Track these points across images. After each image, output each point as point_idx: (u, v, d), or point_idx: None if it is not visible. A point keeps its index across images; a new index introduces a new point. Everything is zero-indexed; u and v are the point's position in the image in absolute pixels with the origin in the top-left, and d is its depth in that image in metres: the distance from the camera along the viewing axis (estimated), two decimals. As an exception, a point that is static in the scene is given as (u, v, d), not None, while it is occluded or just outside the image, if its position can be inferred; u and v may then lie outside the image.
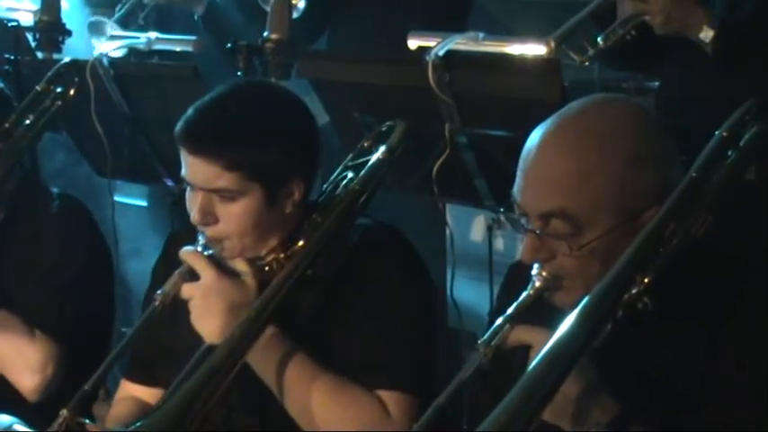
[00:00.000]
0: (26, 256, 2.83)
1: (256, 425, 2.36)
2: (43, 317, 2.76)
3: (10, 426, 1.57)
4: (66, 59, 3.17)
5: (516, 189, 1.96)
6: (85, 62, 3.28)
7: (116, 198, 3.62)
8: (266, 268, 2.33)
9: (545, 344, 1.69)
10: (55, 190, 2.99)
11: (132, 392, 2.50)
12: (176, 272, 2.31)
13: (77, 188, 3.47)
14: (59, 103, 3.00)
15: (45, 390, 2.73)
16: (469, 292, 3.51)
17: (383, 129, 2.47)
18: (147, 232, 4.40)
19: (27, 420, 2.35)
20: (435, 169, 2.99)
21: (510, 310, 1.90)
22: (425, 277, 2.43)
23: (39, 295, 2.78)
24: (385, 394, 2.28)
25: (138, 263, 3.83)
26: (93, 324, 2.87)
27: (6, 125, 2.86)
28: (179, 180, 2.39)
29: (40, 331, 2.74)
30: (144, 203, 4.73)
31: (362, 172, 2.38)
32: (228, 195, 2.28)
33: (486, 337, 1.88)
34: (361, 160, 2.43)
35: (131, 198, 4.62)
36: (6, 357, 2.74)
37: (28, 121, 2.92)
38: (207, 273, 2.28)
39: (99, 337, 2.85)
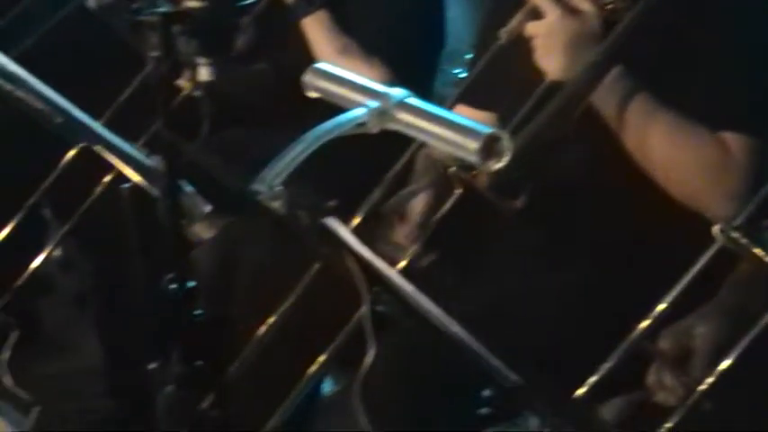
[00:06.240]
0: None
1: None
2: (381, 45, 2.90)
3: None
4: None
5: None
6: None
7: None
8: (611, 6, 2.33)
9: None
10: None
11: (466, 115, 2.52)
12: (522, 9, 2.35)
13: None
14: None
15: None
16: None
17: None
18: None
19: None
20: None
21: None
22: None
23: (376, 25, 2.92)
24: (729, 136, 2.27)
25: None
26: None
27: None
28: None
29: (378, 59, 2.88)
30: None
31: None
32: None
33: None
34: None
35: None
36: None
37: None
38: (551, 11, 2.32)
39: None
